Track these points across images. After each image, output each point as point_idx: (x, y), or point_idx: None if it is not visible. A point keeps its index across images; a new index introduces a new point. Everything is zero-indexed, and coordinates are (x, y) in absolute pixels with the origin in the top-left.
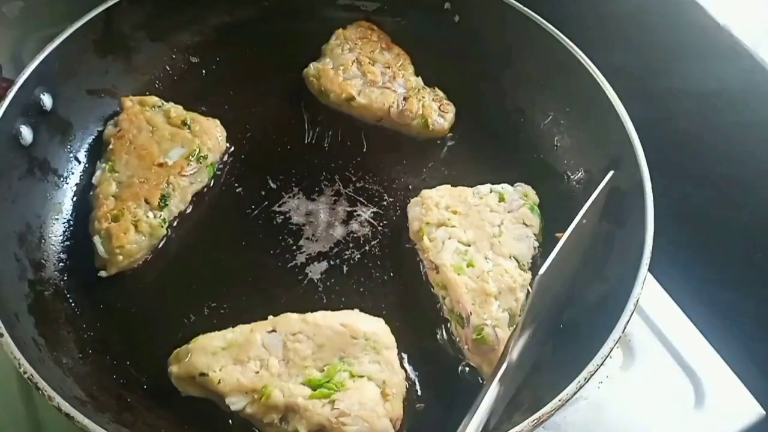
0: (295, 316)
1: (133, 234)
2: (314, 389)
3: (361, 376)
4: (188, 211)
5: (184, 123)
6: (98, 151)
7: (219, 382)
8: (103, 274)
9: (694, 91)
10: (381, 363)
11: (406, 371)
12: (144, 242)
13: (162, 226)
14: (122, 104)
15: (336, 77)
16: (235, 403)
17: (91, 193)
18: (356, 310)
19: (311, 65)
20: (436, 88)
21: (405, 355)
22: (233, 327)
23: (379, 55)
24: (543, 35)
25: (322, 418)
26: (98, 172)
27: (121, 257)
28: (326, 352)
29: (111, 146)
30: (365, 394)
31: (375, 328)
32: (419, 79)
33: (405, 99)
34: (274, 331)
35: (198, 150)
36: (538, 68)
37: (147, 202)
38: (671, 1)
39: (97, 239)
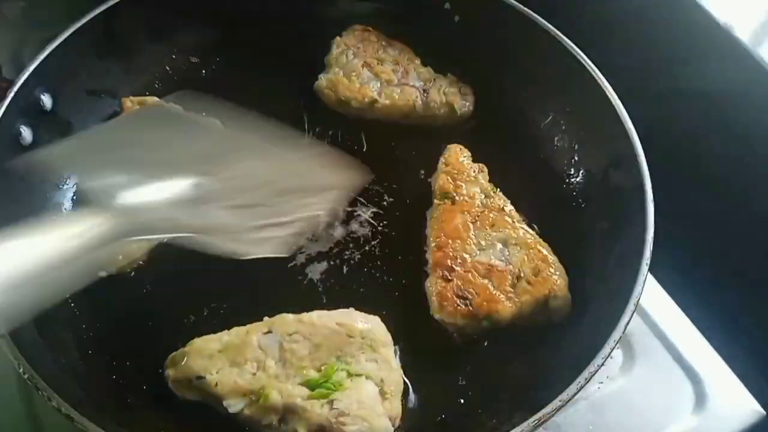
0: (290, 316)
1: None
2: (312, 389)
3: (359, 375)
4: None
5: None
6: None
7: (216, 384)
8: (102, 274)
9: (694, 91)
10: (378, 361)
11: (403, 369)
12: (144, 242)
13: None
14: (122, 105)
15: (352, 84)
16: (233, 405)
17: None
18: (352, 309)
19: (321, 78)
20: (449, 74)
21: (403, 354)
22: (231, 328)
23: (384, 54)
24: (543, 35)
25: (322, 419)
26: None
27: (120, 257)
28: (323, 352)
29: None
30: (364, 393)
31: (371, 326)
32: (429, 68)
33: (425, 91)
34: (270, 332)
35: None
36: (537, 68)
37: None
38: (671, 1)
39: None
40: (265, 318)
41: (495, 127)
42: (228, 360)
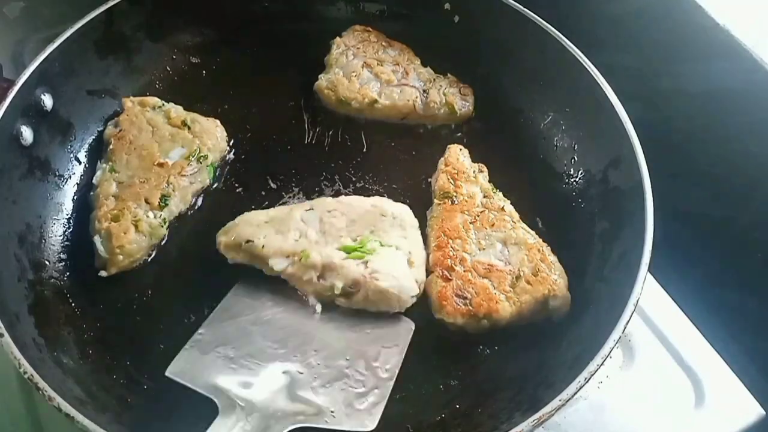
0: (329, 198)
1: (134, 234)
2: (348, 253)
3: (390, 246)
4: (188, 211)
5: (184, 123)
6: (99, 151)
7: (263, 247)
8: (103, 274)
9: (693, 91)
10: (407, 237)
11: (403, 370)
12: (144, 242)
13: (162, 226)
14: (123, 105)
15: (352, 85)
16: (278, 264)
17: (91, 193)
18: (384, 197)
19: (322, 78)
20: (449, 74)
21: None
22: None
23: (384, 54)
24: (543, 36)
25: (357, 274)
26: (99, 173)
27: (121, 257)
28: (358, 226)
29: (111, 146)
30: (394, 258)
31: (401, 210)
32: (429, 69)
33: (425, 92)
34: (311, 209)
35: (198, 150)
36: (537, 68)
37: (147, 202)
38: (671, 1)
39: (97, 239)
40: (306, 201)
41: (495, 127)
42: (273, 229)
